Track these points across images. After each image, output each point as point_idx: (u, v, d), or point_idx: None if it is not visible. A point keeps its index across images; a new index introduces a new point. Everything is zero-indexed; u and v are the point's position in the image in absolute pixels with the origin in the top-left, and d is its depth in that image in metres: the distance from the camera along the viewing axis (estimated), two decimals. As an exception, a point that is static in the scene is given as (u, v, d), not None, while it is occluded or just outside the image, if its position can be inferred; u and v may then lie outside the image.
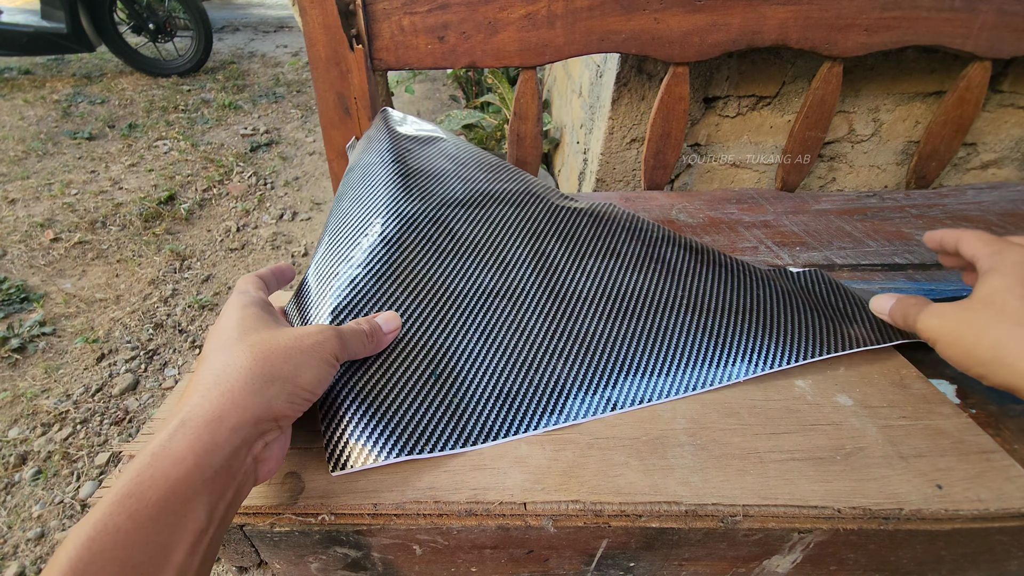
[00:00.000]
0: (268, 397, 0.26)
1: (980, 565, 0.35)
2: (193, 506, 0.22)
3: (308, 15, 0.59)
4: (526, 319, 0.40)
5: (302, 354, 0.28)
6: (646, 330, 0.40)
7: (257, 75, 3.19)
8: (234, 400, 0.25)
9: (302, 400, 0.28)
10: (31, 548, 0.95)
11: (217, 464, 0.23)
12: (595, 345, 0.39)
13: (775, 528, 0.31)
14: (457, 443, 0.33)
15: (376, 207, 0.43)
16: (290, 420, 0.28)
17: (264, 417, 0.25)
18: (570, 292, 0.42)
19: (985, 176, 0.96)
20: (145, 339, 1.39)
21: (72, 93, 2.72)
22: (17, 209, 1.81)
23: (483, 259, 0.43)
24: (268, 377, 0.26)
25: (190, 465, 0.22)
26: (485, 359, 0.37)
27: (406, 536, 0.32)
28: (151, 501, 0.21)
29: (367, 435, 0.31)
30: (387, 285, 0.38)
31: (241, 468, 0.25)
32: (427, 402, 0.34)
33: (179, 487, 0.22)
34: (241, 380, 0.25)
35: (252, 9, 4.70)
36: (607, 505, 0.30)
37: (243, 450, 0.25)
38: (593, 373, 0.37)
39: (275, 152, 2.34)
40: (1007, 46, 0.66)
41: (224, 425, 0.24)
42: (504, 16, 0.61)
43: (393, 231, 0.41)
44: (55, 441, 1.13)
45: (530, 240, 0.45)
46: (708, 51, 0.65)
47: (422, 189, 0.46)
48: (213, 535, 0.23)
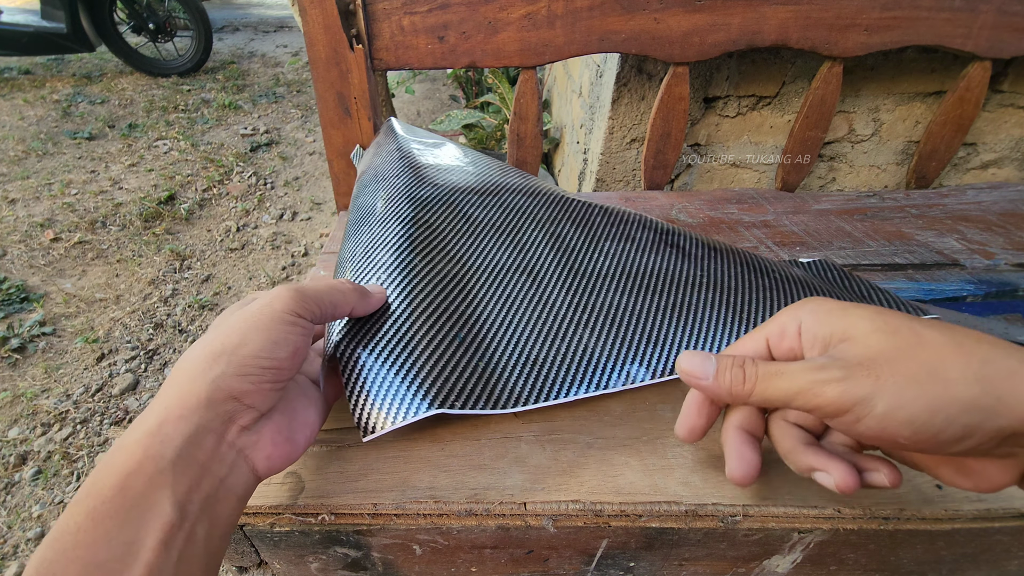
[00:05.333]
0: (213, 376, 0.24)
1: (980, 565, 0.35)
2: (154, 499, 0.21)
3: (308, 15, 0.59)
4: (547, 293, 0.39)
5: (246, 322, 0.26)
6: (669, 305, 0.40)
7: (257, 75, 3.19)
8: (179, 387, 0.24)
9: (258, 370, 0.25)
10: (31, 548, 0.95)
11: (171, 454, 0.22)
12: (620, 318, 0.39)
13: (775, 528, 0.31)
14: (487, 405, 0.32)
15: (391, 195, 0.43)
16: (256, 397, 0.25)
17: (216, 398, 0.24)
18: (590, 270, 0.42)
19: (985, 176, 0.96)
20: (145, 339, 1.39)
21: (72, 93, 2.72)
22: (17, 209, 1.81)
23: (499, 239, 0.43)
24: (212, 356, 0.25)
25: (140, 456, 0.22)
26: (508, 328, 0.37)
27: (406, 536, 0.32)
28: (107, 497, 0.21)
29: (397, 392, 0.30)
30: (406, 257, 0.38)
31: (213, 458, 0.24)
32: (452, 364, 0.33)
33: (132, 480, 0.21)
34: (186, 367, 0.25)
35: (252, 9, 4.70)
36: (607, 505, 0.30)
37: (205, 438, 0.23)
38: (620, 343, 0.37)
39: (275, 152, 2.34)
40: (1007, 46, 0.66)
41: (171, 414, 0.23)
42: (504, 16, 0.61)
43: (408, 212, 0.41)
44: (55, 441, 1.13)
45: (545, 225, 0.45)
46: (708, 51, 0.65)
47: (434, 178, 0.46)
48: (191, 530, 0.22)
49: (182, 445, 0.22)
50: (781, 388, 0.23)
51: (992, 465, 0.23)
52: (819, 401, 0.22)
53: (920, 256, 0.55)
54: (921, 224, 0.61)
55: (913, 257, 0.55)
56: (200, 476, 0.23)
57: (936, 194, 0.68)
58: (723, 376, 0.25)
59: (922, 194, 0.68)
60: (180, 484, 0.22)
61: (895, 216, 0.63)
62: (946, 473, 0.24)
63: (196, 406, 0.23)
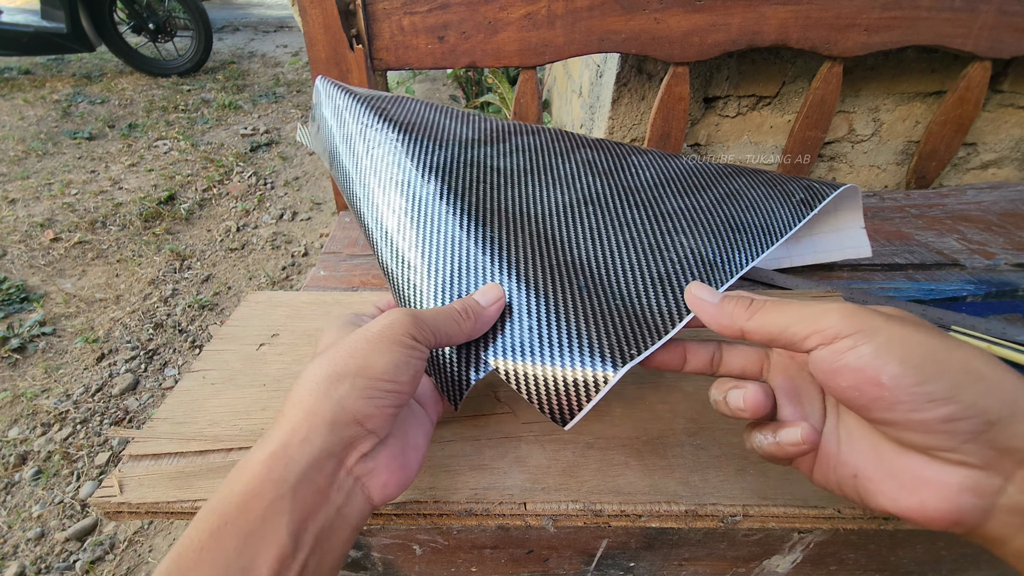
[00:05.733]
0: (338, 397, 0.24)
1: (980, 565, 0.35)
2: (272, 526, 0.21)
3: (308, 15, 0.59)
4: (609, 224, 0.39)
5: (368, 343, 0.25)
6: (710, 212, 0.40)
7: (257, 75, 3.19)
8: (304, 408, 0.23)
9: (381, 393, 0.24)
10: (31, 548, 0.95)
11: (293, 479, 0.22)
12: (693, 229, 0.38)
13: (775, 528, 0.31)
14: (644, 343, 0.29)
15: (401, 176, 0.40)
16: (378, 421, 0.25)
17: (340, 420, 0.23)
18: (632, 192, 0.42)
19: (985, 176, 0.96)
20: (145, 339, 1.39)
21: (72, 93, 2.72)
22: (17, 209, 1.81)
23: (541, 179, 0.42)
24: (335, 377, 0.24)
25: (263, 479, 0.21)
26: (603, 267, 0.35)
27: (406, 536, 0.32)
28: (230, 518, 0.20)
29: (581, 366, 0.29)
30: (475, 230, 0.36)
31: (333, 485, 0.23)
32: (600, 315, 0.31)
33: (254, 503, 0.21)
34: (309, 388, 0.24)
35: (252, 9, 4.70)
36: (607, 505, 0.30)
37: (326, 463, 0.23)
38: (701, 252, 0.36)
39: (275, 152, 2.34)
40: (1007, 46, 0.66)
41: (296, 436, 0.23)
42: (504, 16, 0.61)
43: (434, 187, 0.38)
44: (55, 441, 1.13)
45: (567, 154, 0.45)
46: (708, 51, 0.65)
47: (434, 139, 0.43)
48: (304, 562, 0.21)
49: (305, 469, 0.22)
50: (783, 311, 0.24)
51: (954, 475, 0.20)
52: (818, 325, 0.22)
53: (920, 256, 0.55)
54: (921, 224, 0.61)
55: (913, 257, 0.55)
56: (319, 504, 0.22)
57: (936, 194, 0.68)
58: (727, 303, 0.26)
59: (922, 194, 0.68)
60: (297, 510, 0.21)
61: (895, 216, 0.63)
62: (891, 486, 0.22)
63: (320, 427, 0.23)
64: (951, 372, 0.19)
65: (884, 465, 0.22)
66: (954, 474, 0.20)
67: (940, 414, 0.19)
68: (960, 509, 0.20)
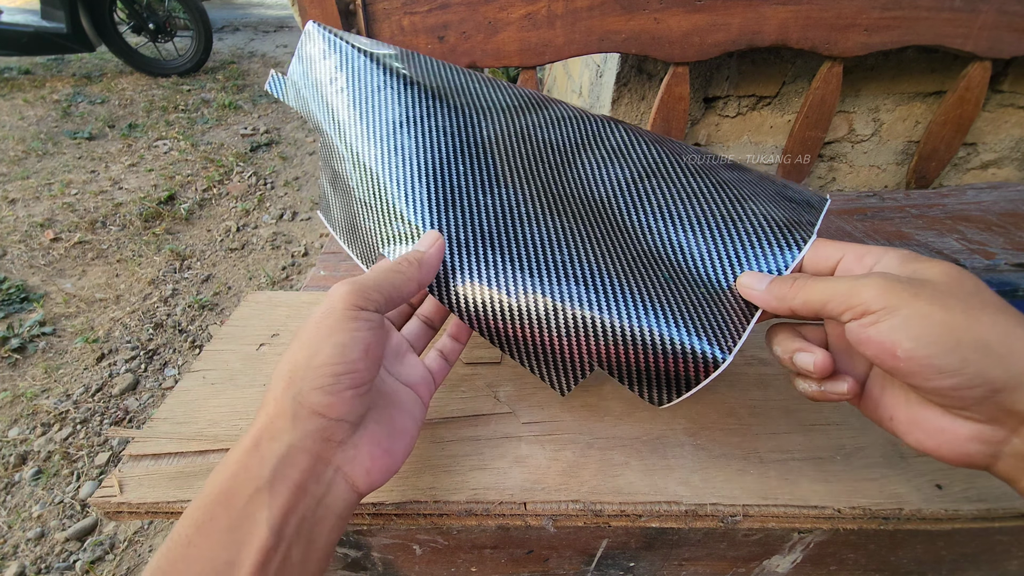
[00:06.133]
0: (293, 393, 0.24)
1: (980, 565, 0.35)
2: (253, 520, 0.21)
3: (308, 15, 0.59)
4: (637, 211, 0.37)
5: (314, 330, 0.25)
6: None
7: (257, 75, 3.19)
8: (268, 408, 0.24)
9: (332, 379, 0.24)
10: (31, 548, 0.95)
11: (267, 474, 0.22)
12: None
13: (775, 528, 0.31)
14: (733, 335, 0.30)
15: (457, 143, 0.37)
16: (341, 408, 0.24)
17: (299, 415, 0.23)
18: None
19: (985, 176, 0.96)
20: (145, 339, 1.39)
21: (72, 93, 2.72)
22: (17, 209, 1.81)
23: (595, 153, 0.39)
24: (288, 374, 0.24)
25: (241, 476, 0.22)
26: (684, 249, 0.34)
27: (406, 536, 0.32)
28: (214, 513, 0.21)
29: (693, 350, 0.29)
30: (557, 233, 0.34)
31: (311, 478, 0.23)
32: (691, 303, 0.31)
33: (235, 498, 0.22)
34: (272, 386, 0.25)
35: (252, 9, 4.70)
36: (607, 505, 0.30)
37: (298, 457, 0.23)
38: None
39: (275, 152, 2.34)
40: (1007, 46, 0.66)
41: (265, 434, 0.23)
42: (504, 16, 0.61)
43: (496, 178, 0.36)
44: (55, 441, 1.13)
45: (605, 125, 0.42)
46: (708, 51, 0.65)
47: (476, 107, 0.40)
48: (287, 552, 0.22)
49: (276, 465, 0.23)
50: (821, 290, 0.26)
51: (964, 427, 0.23)
52: (851, 301, 0.24)
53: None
54: (921, 224, 0.61)
55: (913, 257, 0.55)
56: (297, 497, 0.23)
57: (936, 194, 0.68)
58: (774, 285, 0.29)
59: (922, 194, 0.68)
60: (276, 505, 0.22)
61: (895, 216, 0.63)
62: (917, 431, 0.25)
63: (284, 426, 0.23)
64: (962, 347, 0.22)
65: (911, 413, 0.25)
66: (964, 426, 0.23)
67: (949, 384, 0.22)
68: (969, 453, 0.23)
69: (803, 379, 0.29)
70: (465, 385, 0.38)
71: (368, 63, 0.41)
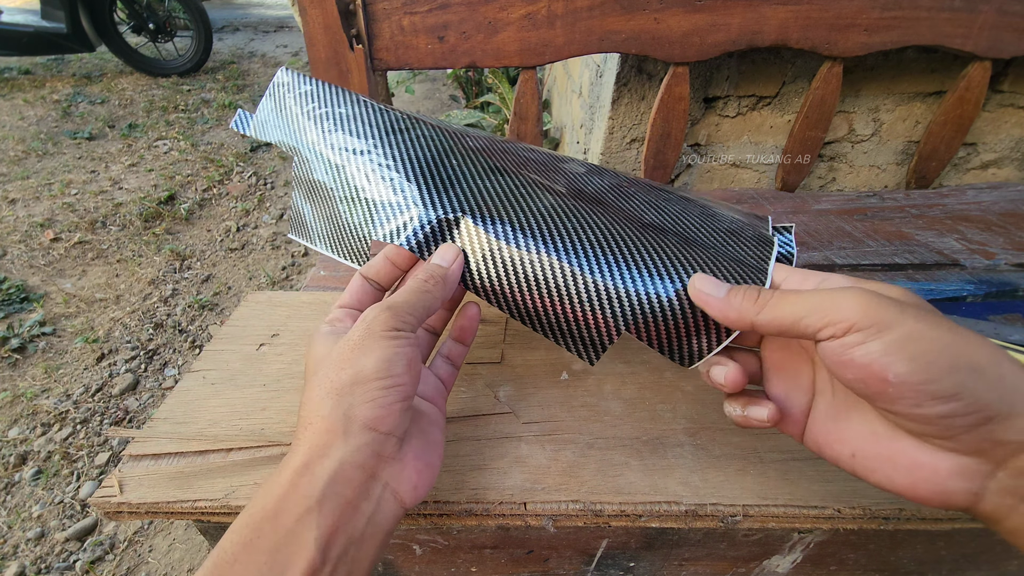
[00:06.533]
0: (344, 410, 0.24)
1: (980, 565, 0.35)
2: (301, 540, 0.21)
3: (308, 15, 0.59)
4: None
5: (353, 349, 0.26)
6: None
7: (257, 75, 3.19)
8: (315, 428, 0.24)
9: (382, 392, 0.25)
10: (31, 548, 0.95)
11: (318, 494, 0.22)
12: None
13: (775, 528, 0.31)
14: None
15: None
16: (390, 421, 0.25)
17: (351, 430, 0.24)
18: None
19: (985, 176, 0.96)
20: (145, 339, 1.39)
21: (72, 93, 2.72)
22: (17, 209, 1.81)
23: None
24: (335, 392, 0.25)
25: (290, 495, 0.22)
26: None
27: (406, 536, 0.32)
28: (262, 531, 0.21)
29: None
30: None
31: (362, 495, 0.23)
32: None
33: (283, 517, 0.22)
34: (315, 408, 0.25)
35: (252, 9, 4.70)
36: (607, 505, 0.30)
37: (351, 473, 0.23)
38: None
39: (275, 152, 2.34)
40: (1007, 46, 0.66)
41: (315, 453, 0.23)
42: (504, 16, 0.61)
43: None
44: (55, 441, 1.13)
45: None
46: (708, 51, 0.65)
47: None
48: (333, 571, 0.22)
49: (328, 483, 0.23)
50: (793, 305, 0.23)
51: (947, 461, 0.21)
52: (832, 317, 0.22)
53: (920, 256, 0.55)
54: (921, 224, 0.61)
55: (913, 257, 0.55)
56: (349, 515, 0.23)
57: (936, 194, 0.68)
58: (734, 296, 0.26)
59: (922, 194, 0.68)
60: (325, 524, 0.22)
61: (895, 216, 0.63)
62: (887, 468, 0.23)
63: (335, 442, 0.23)
64: (958, 370, 0.20)
65: (880, 448, 0.23)
66: (945, 459, 0.21)
67: (941, 410, 0.20)
68: (948, 491, 0.21)
69: (729, 402, 0.28)
70: (465, 385, 0.38)
71: (345, 93, 0.42)
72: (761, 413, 0.26)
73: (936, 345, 0.20)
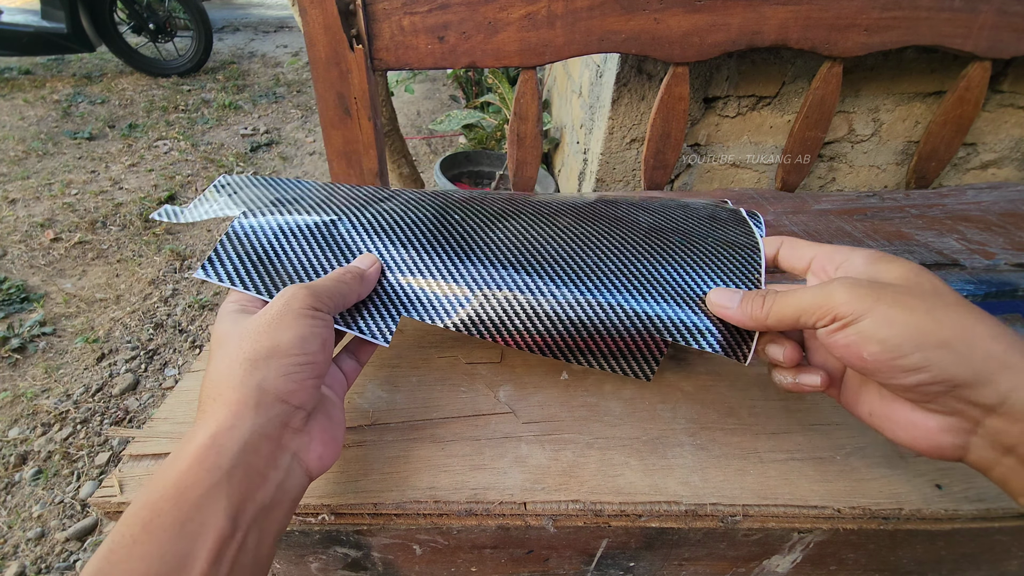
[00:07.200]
0: (257, 381, 0.24)
1: (980, 565, 0.35)
2: (210, 511, 0.21)
3: (308, 15, 0.59)
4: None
5: (271, 323, 0.26)
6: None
7: (257, 75, 3.19)
8: (224, 399, 0.24)
9: (297, 367, 0.26)
10: (31, 548, 0.95)
11: (227, 464, 0.22)
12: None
13: (775, 528, 0.31)
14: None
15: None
16: (302, 395, 0.26)
17: (264, 402, 0.24)
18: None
19: (985, 176, 0.96)
20: (145, 339, 1.39)
21: (72, 93, 2.72)
22: (17, 209, 1.81)
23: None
24: (248, 362, 0.25)
25: (196, 469, 0.22)
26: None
27: (406, 536, 0.32)
28: (162, 510, 0.21)
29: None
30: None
31: (270, 464, 0.24)
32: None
33: (188, 493, 0.21)
34: (224, 378, 0.25)
35: (252, 9, 4.70)
36: (607, 505, 0.30)
37: (261, 444, 0.24)
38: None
39: (275, 152, 2.34)
40: (1007, 46, 0.66)
41: (223, 425, 0.23)
42: (504, 16, 0.61)
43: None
44: (55, 441, 1.13)
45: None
46: (708, 51, 0.65)
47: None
48: (242, 540, 0.22)
49: (238, 454, 0.23)
50: (791, 305, 0.27)
51: (934, 420, 0.25)
52: (820, 312, 0.26)
53: (920, 256, 0.55)
54: (921, 224, 0.61)
55: (913, 257, 0.55)
56: (258, 484, 0.23)
57: (936, 194, 0.68)
58: (745, 304, 0.30)
59: (922, 194, 0.68)
60: (235, 494, 0.22)
61: (895, 216, 0.63)
62: (892, 426, 0.27)
63: (246, 413, 0.24)
64: (926, 347, 0.23)
65: (885, 409, 0.27)
66: (933, 419, 0.25)
67: (912, 381, 0.24)
68: (941, 445, 0.25)
69: (779, 371, 0.31)
70: (465, 385, 0.38)
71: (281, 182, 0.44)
72: (814, 380, 0.29)
73: (904, 328, 0.23)
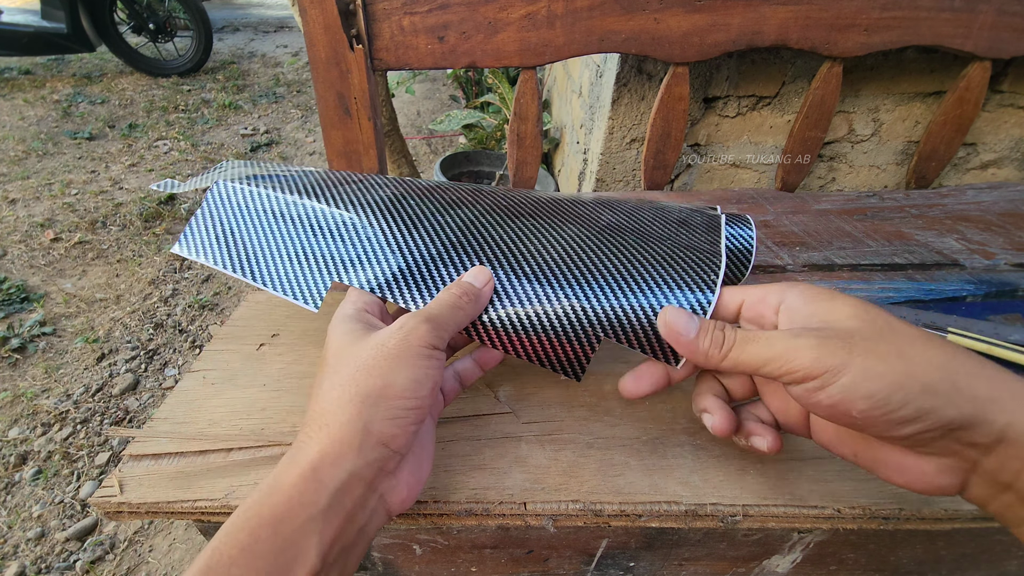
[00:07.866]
0: (364, 422, 0.24)
1: (980, 565, 0.35)
2: (303, 547, 0.21)
3: (308, 15, 0.59)
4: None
5: (387, 360, 0.25)
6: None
7: (257, 75, 3.19)
8: (329, 432, 0.24)
9: (404, 412, 0.25)
10: (31, 548, 0.95)
11: (323, 503, 0.22)
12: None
13: (775, 528, 0.31)
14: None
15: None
16: (402, 440, 0.25)
17: (367, 444, 0.24)
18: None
19: (985, 176, 0.96)
20: (145, 339, 1.39)
21: (72, 93, 2.72)
22: (17, 209, 1.81)
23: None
24: (359, 399, 0.24)
25: (295, 503, 0.22)
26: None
27: (406, 536, 0.32)
28: (261, 536, 0.21)
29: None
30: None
31: (360, 506, 0.24)
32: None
33: (285, 525, 0.21)
34: (333, 409, 0.24)
35: (252, 9, 4.70)
36: (607, 505, 0.30)
37: (355, 486, 0.23)
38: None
39: (275, 152, 2.34)
40: (1007, 46, 0.66)
41: (325, 460, 0.23)
42: (504, 16, 0.61)
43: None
44: (55, 441, 1.13)
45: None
46: (708, 51, 0.65)
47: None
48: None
49: (334, 493, 0.23)
50: (755, 353, 0.25)
51: (930, 464, 0.23)
52: (790, 366, 0.23)
53: (920, 256, 0.55)
54: (921, 224, 0.61)
55: (913, 257, 0.55)
56: (347, 525, 0.23)
57: (936, 194, 0.68)
58: (704, 337, 0.27)
59: (922, 194, 0.68)
60: (327, 533, 0.22)
61: (895, 216, 0.63)
62: (883, 469, 0.25)
63: (348, 453, 0.23)
64: (914, 397, 0.22)
65: (873, 454, 0.25)
66: (928, 462, 0.23)
67: (908, 431, 0.22)
68: (940, 486, 0.24)
69: (734, 436, 0.29)
70: (465, 385, 0.38)
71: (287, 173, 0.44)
72: (761, 444, 0.28)
73: (888, 379, 0.22)
